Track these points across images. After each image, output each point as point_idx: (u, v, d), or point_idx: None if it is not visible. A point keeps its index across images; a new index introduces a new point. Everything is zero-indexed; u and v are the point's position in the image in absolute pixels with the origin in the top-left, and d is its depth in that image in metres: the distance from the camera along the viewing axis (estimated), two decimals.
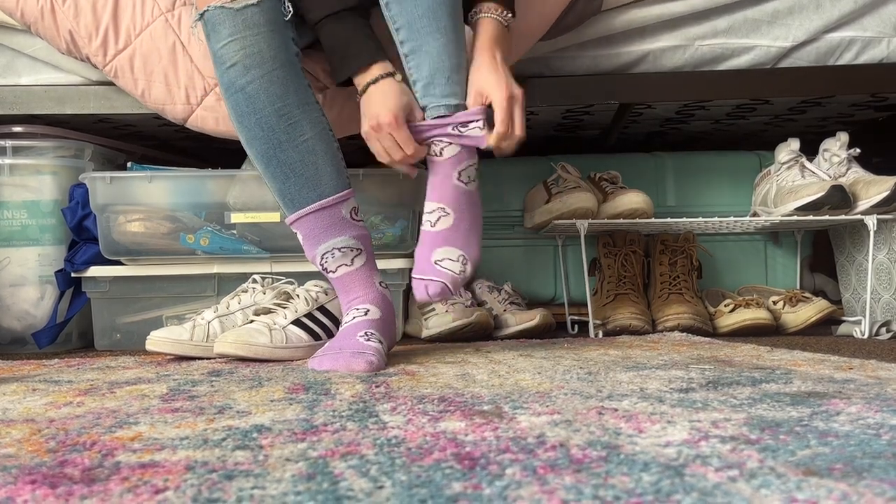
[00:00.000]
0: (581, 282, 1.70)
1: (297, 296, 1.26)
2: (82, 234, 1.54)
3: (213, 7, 1.10)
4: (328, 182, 1.13)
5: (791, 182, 1.59)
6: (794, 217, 1.55)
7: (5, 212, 1.53)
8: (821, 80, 1.53)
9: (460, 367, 1.04)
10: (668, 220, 1.62)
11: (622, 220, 1.61)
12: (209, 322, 1.27)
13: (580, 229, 1.56)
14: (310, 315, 1.24)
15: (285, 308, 1.24)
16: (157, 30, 1.39)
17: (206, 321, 1.27)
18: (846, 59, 1.53)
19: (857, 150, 1.59)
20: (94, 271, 1.52)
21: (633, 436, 0.58)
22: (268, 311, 1.25)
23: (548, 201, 1.66)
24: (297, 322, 1.22)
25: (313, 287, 1.28)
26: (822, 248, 1.81)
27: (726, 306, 1.58)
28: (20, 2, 1.39)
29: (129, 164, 1.59)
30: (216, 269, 1.53)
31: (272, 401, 0.79)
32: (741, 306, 1.55)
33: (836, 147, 1.60)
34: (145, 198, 1.51)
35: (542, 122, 1.78)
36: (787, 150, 1.64)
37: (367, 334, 1.10)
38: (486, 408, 0.72)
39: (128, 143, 1.74)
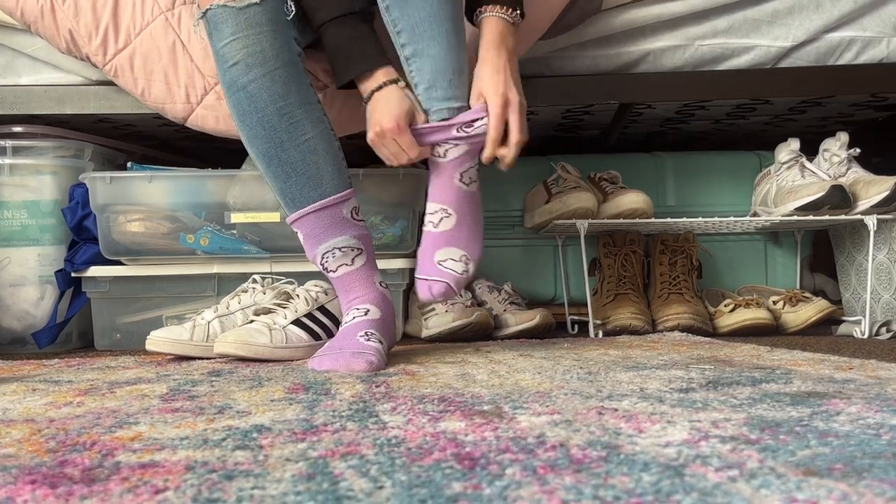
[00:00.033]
0: (581, 282, 1.70)
1: (297, 296, 1.26)
2: (82, 234, 1.54)
3: (215, 6, 1.10)
4: (329, 181, 1.13)
5: (791, 182, 1.59)
6: (794, 217, 1.55)
7: (5, 212, 1.53)
8: (821, 80, 1.53)
9: (460, 367, 1.04)
10: (668, 220, 1.62)
11: (622, 220, 1.61)
12: (209, 322, 1.27)
13: (580, 229, 1.56)
14: (310, 315, 1.24)
15: (285, 308, 1.24)
16: (157, 29, 1.39)
17: (206, 321, 1.27)
18: (846, 59, 1.53)
19: (857, 150, 1.59)
20: (94, 271, 1.52)
21: (633, 436, 0.58)
22: (268, 311, 1.25)
23: (548, 201, 1.66)
24: (297, 322, 1.22)
25: (313, 287, 1.28)
26: (822, 248, 1.81)
27: (726, 306, 1.58)
28: (20, 1, 1.39)
29: (129, 164, 1.59)
30: (216, 269, 1.53)
31: (272, 401, 0.79)
32: (741, 306, 1.55)
33: (836, 147, 1.60)
34: (145, 198, 1.51)
35: (542, 122, 1.78)
36: (787, 150, 1.64)
37: (367, 334, 1.10)
38: (486, 408, 0.72)
39: (128, 143, 1.74)
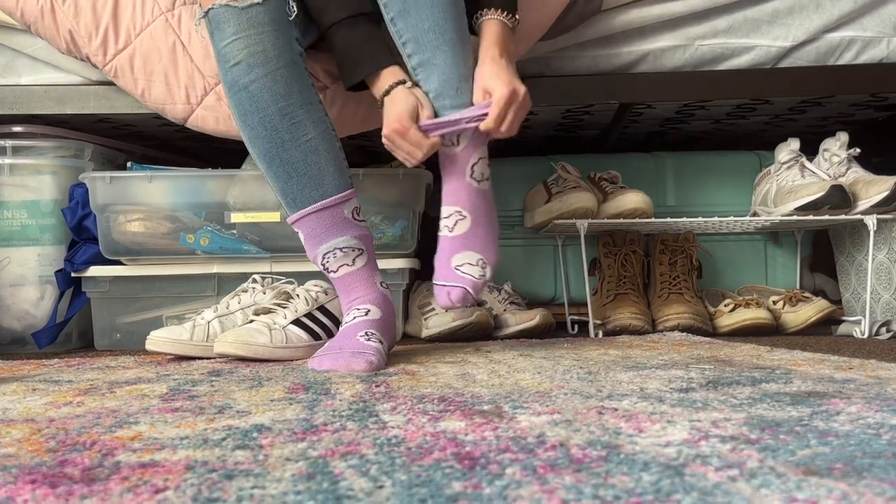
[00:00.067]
0: (581, 282, 1.70)
1: (297, 296, 1.26)
2: (82, 233, 1.54)
3: (217, 5, 1.10)
4: (331, 182, 1.13)
5: (791, 182, 1.59)
6: (794, 217, 1.55)
7: (5, 212, 1.53)
8: (821, 80, 1.53)
9: (460, 366, 1.04)
10: (668, 219, 1.62)
11: (622, 220, 1.61)
12: (209, 322, 1.27)
13: (580, 229, 1.56)
14: (310, 315, 1.24)
15: (285, 308, 1.24)
16: (158, 29, 1.39)
17: (206, 321, 1.27)
18: (846, 58, 1.52)
19: (857, 150, 1.59)
20: (94, 271, 1.52)
21: (633, 435, 0.58)
22: (268, 311, 1.25)
23: (548, 201, 1.66)
24: (297, 322, 1.22)
25: (313, 287, 1.28)
26: (822, 248, 1.81)
27: (726, 306, 1.58)
28: (20, 1, 1.39)
29: (129, 164, 1.59)
30: (216, 268, 1.53)
31: (272, 400, 0.79)
32: (741, 306, 1.55)
33: (836, 147, 1.60)
34: (145, 198, 1.51)
35: (542, 122, 1.78)
36: (787, 149, 1.64)
37: (367, 334, 1.10)
38: (486, 407, 0.72)
39: (128, 143, 1.74)
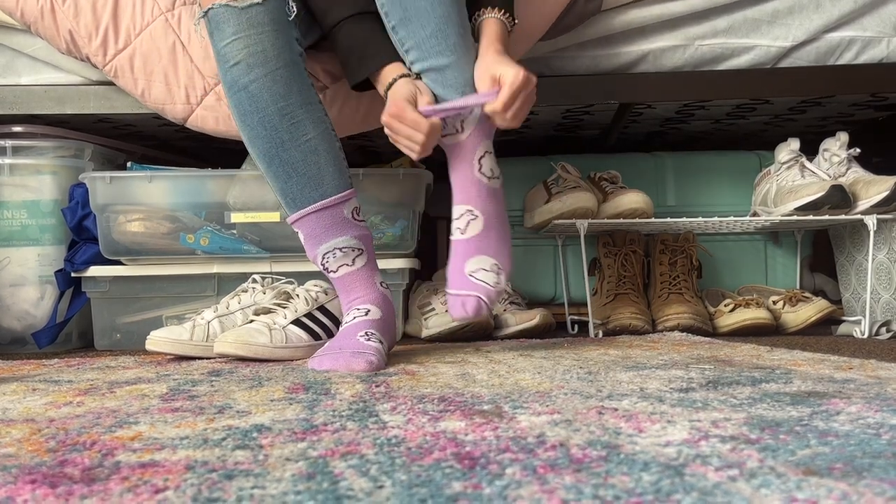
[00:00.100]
0: (581, 282, 1.70)
1: (297, 296, 1.26)
2: (82, 233, 1.54)
3: (217, 5, 1.10)
4: (330, 182, 1.13)
5: (791, 182, 1.59)
6: (794, 217, 1.55)
7: (5, 212, 1.53)
8: (821, 80, 1.53)
9: (460, 366, 1.04)
10: (668, 219, 1.62)
11: (622, 220, 1.61)
12: (209, 322, 1.27)
13: (580, 229, 1.56)
14: (310, 315, 1.24)
15: (285, 308, 1.24)
16: (157, 29, 1.39)
17: (205, 321, 1.27)
18: (846, 58, 1.52)
19: (857, 150, 1.59)
20: (94, 271, 1.52)
21: (633, 435, 0.58)
22: (268, 311, 1.25)
23: (548, 201, 1.66)
24: (297, 322, 1.22)
25: (313, 287, 1.28)
26: (822, 248, 1.81)
27: (726, 306, 1.58)
28: (20, 1, 1.39)
29: (129, 164, 1.59)
30: (216, 268, 1.53)
31: (272, 400, 0.79)
32: (741, 306, 1.55)
33: (836, 147, 1.60)
34: (145, 198, 1.51)
35: (542, 122, 1.78)
36: (787, 149, 1.64)
37: (367, 334, 1.10)
38: (486, 407, 0.72)
39: (128, 143, 1.75)
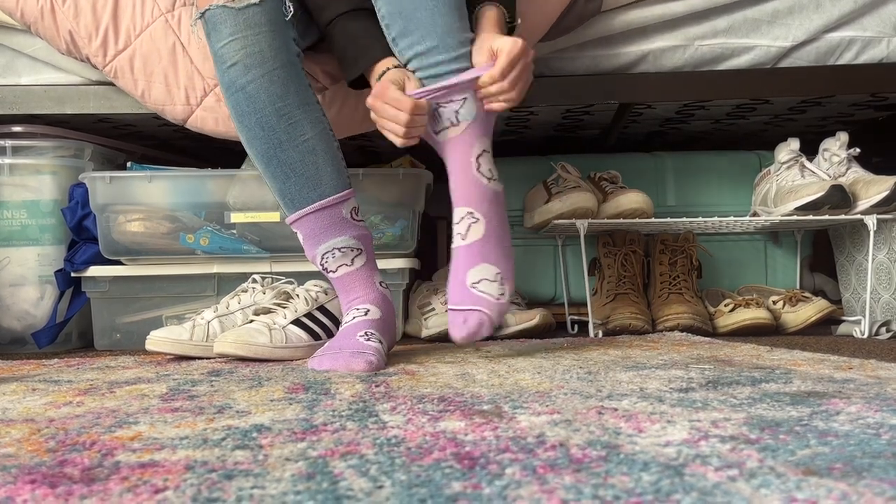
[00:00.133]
0: (581, 282, 1.70)
1: (297, 296, 1.26)
2: (82, 233, 1.54)
3: (214, 6, 1.10)
4: (328, 182, 1.13)
5: (791, 182, 1.59)
6: (794, 217, 1.55)
7: (5, 212, 1.53)
8: (821, 80, 1.53)
9: (460, 366, 1.04)
10: (668, 219, 1.62)
11: (622, 220, 1.61)
12: (209, 322, 1.27)
13: (580, 229, 1.56)
14: (309, 315, 1.24)
15: (285, 308, 1.24)
16: (157, 30, 1.39)
17: (205, 321, 1.27)
18: (846, 58, 1.52)
19: (857, 150, 1.59)
20: (94, 271, 1.52)
21: (633, 435, 0.58)
22: (268, 311, 1.25)
23: (548, 201, 1.66)
24: (296, 322, 1.22)
25: (313, 287, 1.28)
26: (822, 247, 1.81)
27: (726, 306, 1.58)
28: (20, 2, 1.39)
29: (128, 164, 1.59)
30: (216, 268, 1.53)
31: (272, 400, 0.79)
32: (741, 306, 1.55)
33: (835, 147, 1.60)
34: (145, 198, 1.51)
35: (542, 122, 1.78)
36: (787, 149, 1.64)
37: (367, 334, 1.10)
38: (485, 407, 0.72)
39: (128, 142, 1.75)
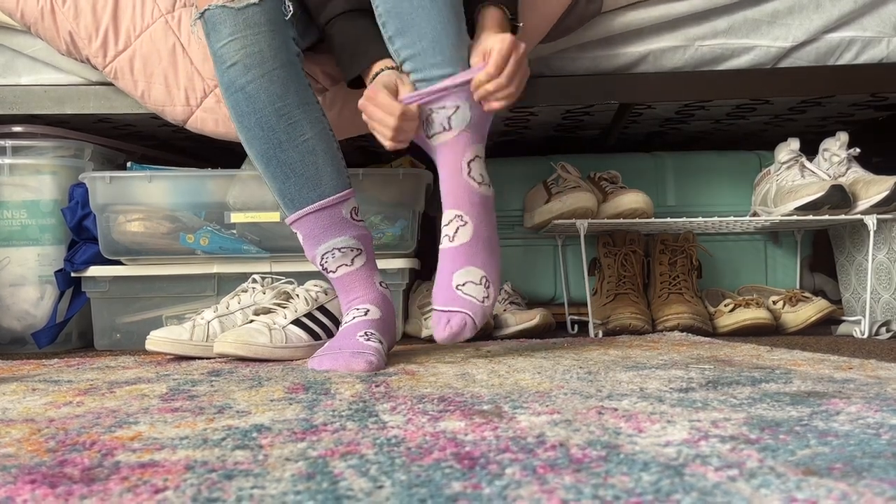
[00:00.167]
0: (581, 282, 1.70)
1: (297, 296, 1.26)
2: (82, 233, 1.54)
3: (213, 6, 1.10)
4: (328, 182, 1.13)
5: (791, 182, 1.59)
6: (794, 217, 1.55)
7: (5, 212, 1.53)
8: (821, 80, 1.53)
9: (460, 366, 1.04)
10: (668, 219, 1.62)
11: (622, 220, 1.61)
12: (209, 322, 1.27)
13: (580, 229, 1.56)
14: (310, 315, 1.24)
15: (285, 308, 1.24)
16: (157, 31, 1.39)
17: (205, 321, 1.28)
18: (846, 59, 1.52)
19: (857, 150, 1.59)
20: (94, 271, 1.52)
21: (633, 435, 0.58)
22: (268, 311, 1.25)
23: (548, 201, 1.66)
24: (296, 322, 1.22)
25: (313, 287, 1.28)
26: (822, 247, 1.81)
27: (726, 306, 1.58)
28: (20, 2, 1.39)
29: (128, 164, 1.59)
30: (216, 268, 1.53)
31: (272, 400, 0.79)
32: (741, 306, 1.55)
33: (835, 147, 1.60)
34: (145, 198, 1.51)
35: (542, 122, 1.78)
36: (787, 149, 1.64)
37: (366, 334, 1.10)
38: (485, 407, 0.72)
39: (128, 143, 1.75)
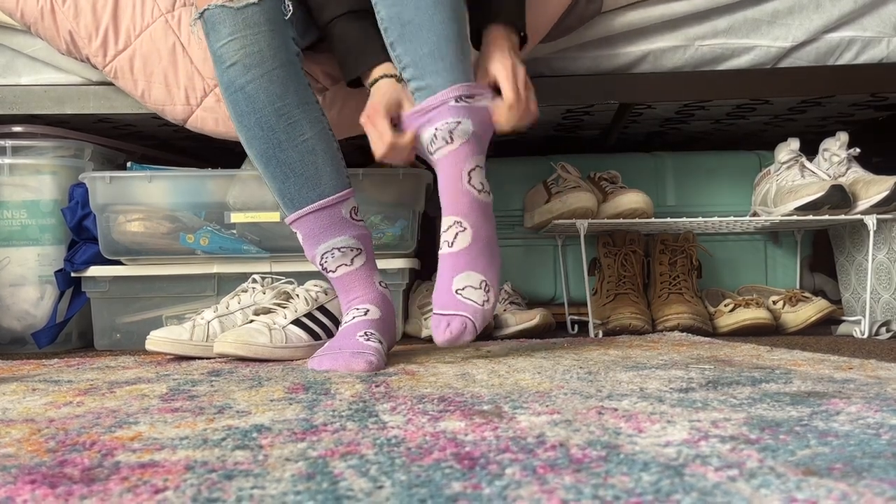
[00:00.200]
0: (581, 282, 1.70)
1: (297, 296, 1.26)
2: (82, 233, 1.54)
3: (213, 6, 1.10)
4: (328, 182, 1.13)
5: (791, 182, 1.59)
6: (794, 217, 1.55)
7: (5, 212, 1.53)
8: (821, 80, 1.53)
9: (460, 366, 1.04)
10: (668, 219, 1.62)
11: (622, 220, 1.61)
12: (209, 322, 1.27)
13: (580, 229, 1.56)
14: (309, 315, 1.24)
15: (285, 308, 1.24)
16: (157, 31, 1.39)
17: (205, 321, 1.27)
18: (846, 59, 1.52)
19: (857, 150, 1.59)
20: (94, 271, 1.52)
21: (633, 435, 0.58)
22: (268, 311, 1.25)
23: (548, 201, 1.66)
24: (296, 322, 1.22)
25: (313, 287, 1.28)
26: (822, 247, 1.81)
27: (726, 306, 1.58)
28: (20, 2, 1.39)
29: (128, 164, 1.59)
30: (216, 268, 1.53)
31: (272, 401, 0.79)
32: (741, 306, 1.55)
33: (835, 147, 1.60)
34: (145, 198, 1.51)
35: (542, 122, 1.78)
36: (787, 149, 1.64)
37: (366, 334, 1.10)
38: (485, 407, 0.72)
39: (128, 142, 1.75)
